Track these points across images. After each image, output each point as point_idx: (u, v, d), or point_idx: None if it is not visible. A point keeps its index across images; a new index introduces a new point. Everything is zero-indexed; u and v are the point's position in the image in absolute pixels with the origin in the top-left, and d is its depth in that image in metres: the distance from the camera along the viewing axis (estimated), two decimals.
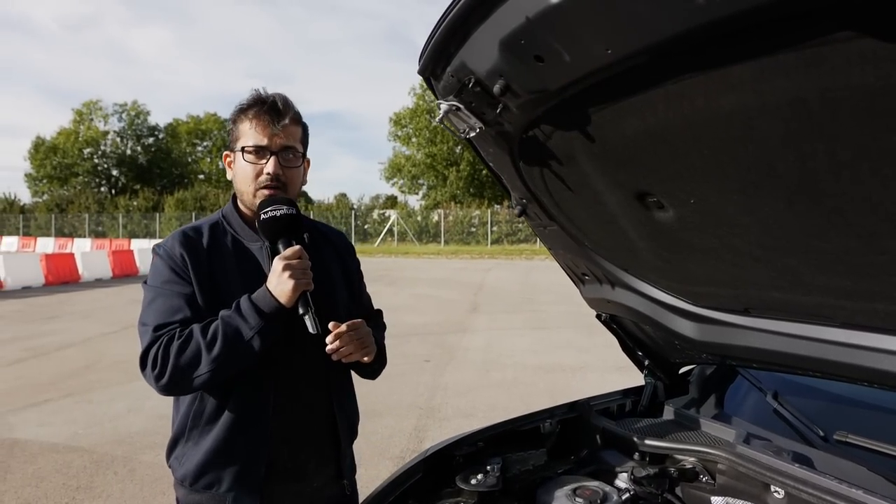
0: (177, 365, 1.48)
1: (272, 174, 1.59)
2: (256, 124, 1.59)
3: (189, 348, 1.48)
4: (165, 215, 44.38)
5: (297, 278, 1.49)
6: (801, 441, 1.73)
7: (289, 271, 1.49)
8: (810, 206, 1.05)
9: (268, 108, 1.59)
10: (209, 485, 1.62)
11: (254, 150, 1.59)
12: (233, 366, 1.51)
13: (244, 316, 1.50)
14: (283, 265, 1.49)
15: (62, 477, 4.41)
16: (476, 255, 30.50)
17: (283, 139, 1.60)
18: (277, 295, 1.50)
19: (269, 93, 1.64)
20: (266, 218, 1.54)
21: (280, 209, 1.55)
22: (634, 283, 1.77)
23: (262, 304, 1.50)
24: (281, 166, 1.61)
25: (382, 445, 4.89)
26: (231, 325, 1.49)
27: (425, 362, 7.73)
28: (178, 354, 1.48)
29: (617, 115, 1.17)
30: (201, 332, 1.50)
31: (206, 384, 1.52)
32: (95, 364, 7.89)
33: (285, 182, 1.62)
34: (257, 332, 1.49)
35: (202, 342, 1.48)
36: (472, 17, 1.14)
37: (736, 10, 0.78)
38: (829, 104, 0.85)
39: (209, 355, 1.47)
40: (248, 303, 1.51)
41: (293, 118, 1.63)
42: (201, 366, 1.48)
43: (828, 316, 1.33)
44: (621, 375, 7.04)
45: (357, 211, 42.63)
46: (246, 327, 1.49)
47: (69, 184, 54.63)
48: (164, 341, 1.50)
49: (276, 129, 1.59)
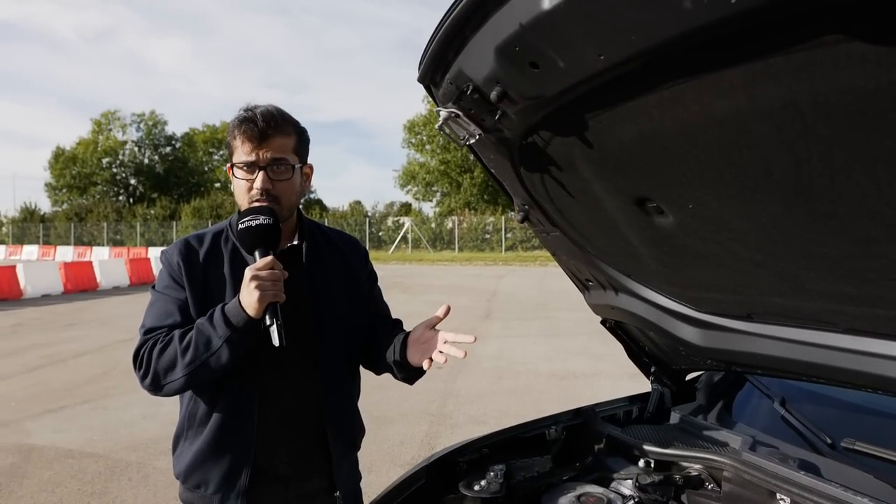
0: (156, 368, 1.54)
1: (261, 189, 1.59)
2: (243, 140, 1.59)
3: (167, 353, 1.54)
4: (182, 223, 44.87)
5: (264, 290, 1.47)
6: (808, 448, 1.71)
7: (255, 282, 1.48)
8: (807, 210, 1.04)
9: (252, 124, 1.59)
10: (198, 484, 1.67)
11: (243, 166, 1.60)
12: (204, 373, 1.54)
13: (214, 325, 1.52)
14: (251, 276, 1.49)
15: (77, 483, 4.46)
16: (490, 261, 30.46)
17: (270, 153, 1.59)
18: (245, 306, 1.50)
19: (257, 106, 1.64)
20: (242, 228, 1.55)
21: (256, 219, 1.54)
22: (637, 288, 1.76)
23: (231, 314, 1.52)
24: (270, 180, 1.60)
25: (393, 452, 4.89)
26: (203, 333, 1.53)
27: (437, 369, 7.72)
28: (158, 358, 1.54)
29: (613, 121, 1.17)
30: (179, 338, 1.55)
31: (180, 389, 1.57)
32: (111, 371, 7.98)
33: (277, 195, 1.61)
34: (225, 342, 1.51)
35: (178, 348, 1.53)
36: (469, 25, 1.15)
37: (723, 14, 0.78)
38: (820, 108, 0.85)
39: (182, 361, 1.52)
40: (220, 313, 1.53)
41: (280, 130, 1.62)
42: (176, 370, 1.53)
43: (830, 322, 1.31)
44: (634, 383, 6.97)
45: (371, 218, 42.82)
46: (215, 336, 1.51)
47: (88, 193, 55.44)
48: (149, 344, 1.57)
49: (262, 143, 1.59)
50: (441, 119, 1.38)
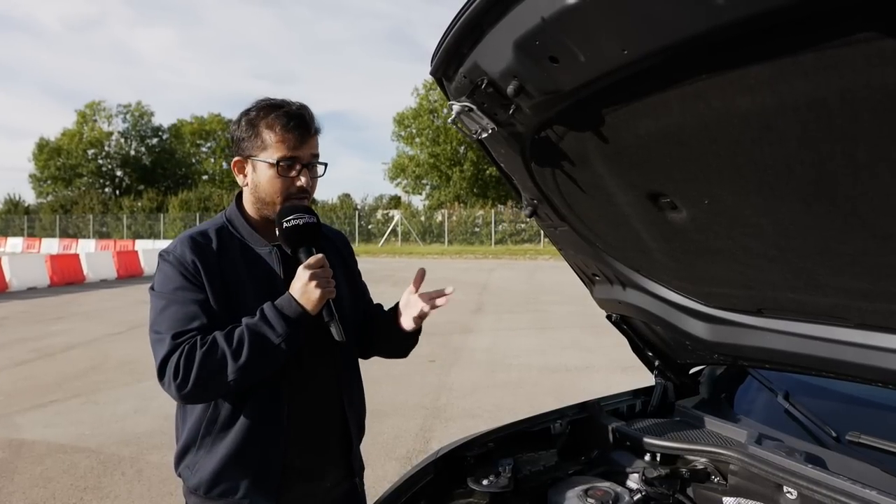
0: (201, 373, 1.46)
1: (307, 186, 1.61)
2: (287, 136, 1.57)
3: (213, 356, 1.47)
4: (169, 216, 44.51)
5: (323, 287, 1.51)
6: (813, 442, 1.73)
7: (315, 280, 1.50)
8: (827, 207, 1.04)
9: (301, 120, 1.59)
10: (224, 492, 1.61)
11: (285, 162, 1.59)
12: (259, 373, 1.52)
13: (271, 323, 1.50)
14: (310, 274, 1.51)
15: (70, 478, 4.42)
16: (480, 255, 30.48)
17: (311, 150, 1.62)
18: (304, 303, 1.51)
19: (291, 101, 1.64)
20: (289, 227, 1.55)
21: (303, 218, 1.56)
22: (646, 283, 1.77)
23: (289, 311, 1.51)
24: (310, 177, 1.63)
25: (388, 446, 4.89)
26: (257, 332, 1.49)
27: (430, 362, 7.73)
28: (203, 362, 1.46)
29: (631, 116, 1.17)
30: (226, 340, 1.49)
31: (230, 391, 1.53)
32: (101, 365, 7.91)
33: (311, 192, 1.64)
34: (284, 339, 1.49)
35: (227, 350, 1.47)
36: (486, 19, 1.14)
37: (757, 10, 0.78)
38: (848, 105, 0.85)
39: (236, 363, 1.47)
40: (274, 310, 1.51)
41: (317, 128, 1.65)
42: (227, 373, 1.47)
43: (842, 316, 1.32)
44: (627, 376, 7.04)
45: (361, 211, 42.66)
46: (273, 334, 1.49)
47: (73, 185, 54.80)
48: (185, 349, 1.48)
49: (306, 140, 1.60)
50: (454, 113, 1.37)
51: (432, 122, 44.95)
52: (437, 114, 45.00)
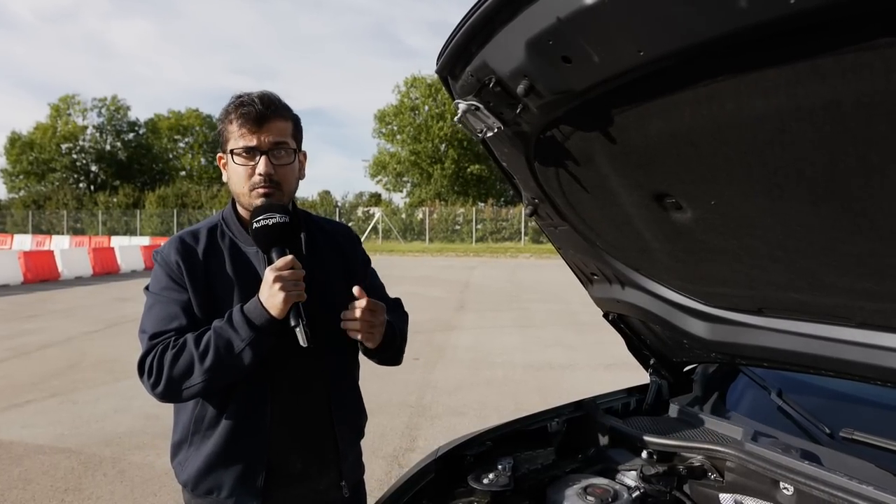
0: (170, 375, 1.49)
1: (264, 174, 1.56)
2: (242, 124, 1.55)
3: (182, 358, 1.49)
4: (146, 212, 43.84)
5: (288, 290, 1.46)
6: (807, 438, 1.75)
7: (279, 283, 1.46)
8: (836, 208, 1.06)
9: (252, 107, 1.55)
10: (210, 490, 1.62)
11: (243, 150, 1.56)
12: (224, 377, 1.52)
13: (235, 328, 1.49)
14: (274, 276, 1.47)
15: (49, 479, 4.34)
16: (461, 252, 30.51)
17: (271, 136, 1.56)
18: (269, 307, 1.48)
19: (253, 92, 1.60)
20: (258, 227, 1.52)
21: (272, 217, 1.51)
22: (645, 283, 1.78)
23: (254, 316, 1.49)
24: (273, 165, 1.57)
25: (375, 444, 4.87)
26: (223, 336, 1.49)
27: (414, 360, 7.71)
28: (172, 364, 1.48)
29: (641, 117, 1.17)
30: (194, 343, 1.49)
31: (198, 394, 1.54)
32: (79, 363, 7.77)
33: (279, 181, 1.59)
34: (248, 345, 1.48)
35: (195, 353, 1.48)
36: (498, 18, 1.13)
37: (779, 13, 0.79)
38: (864, 108, 0.86)
39: (201, 366, 1.47)
40: (241, 315, 1.50)
41: (279, 114, 1.59)
42: (193, 376, 1.48)
43: (844, 316, 1.34)
44: (610, 373, 7.11)
45: (341, 209, 42.40)
46: (237, 339, 1.48)
47: (46, 180, 53.74)
48: (158, 350, 1.50)
49: (263, 127, 1.55)
50: (460, 111, 1.37)
51: (413, 119, 44.86)
52: (418, 111, 44.94)
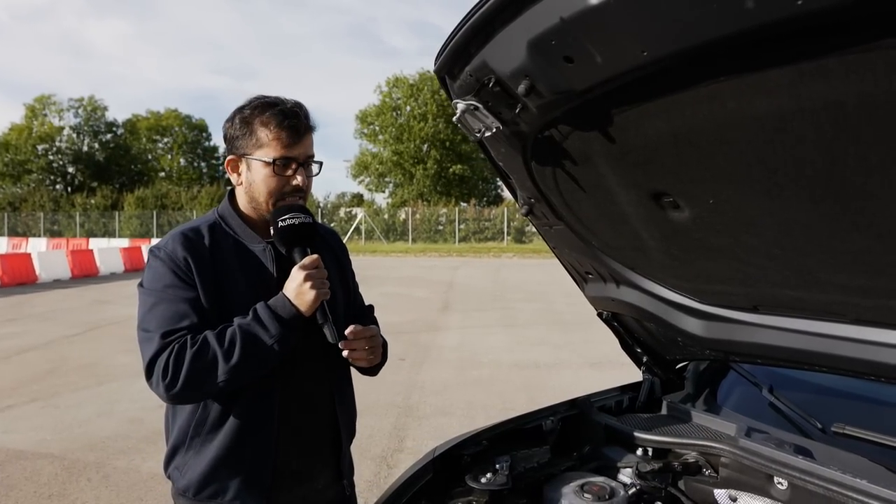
0: (190, 373, 1.44)
1: (304, 186, 1.59)
2: (282, 135, 1.55)
3: (204, 356, 1.45)
4: (125, 214, 43.28)
5: (318, 288, 1.50)
6: (800, 434, 1.78)
7: (310, 281, 1.49)
8: (835, 207, 1.08)
9: (297, 119, 1.57)
10: (214, 494, 1.59)
11: (282, 161, 1.56)
12: (250, 374, 1.50)
13: (264, 324, 1.48)
14: (305, 275, 1.49)
15: (33, 485, 4.26)
16: (444, 252, 30.51)
17: (307, 150, 1.60)
18: (298, 304, 1.49)
19: (286, 99, 1.61)
20: (284, 226, 1.53)
21: (298, 217, 1.55)
22: (640, 281, 1.79)
23: (282, 312, 1.49)
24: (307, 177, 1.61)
25: (363, 445, 4.85)
26: (250, 332, 1.47)
27: (400, 361, 7.70)
28: (193, 362, 1.44)
29: (641, 117, 1.18)
30: (217, 340, 1.46)
31: (221, 392, 1.50)
32: (59, 368, 7.64)
33: (306, 191, 1.63)
34: (277, 341, 1.47)
35: (219, 350, 1.45)
36: (499, 18, 1.13)
37: (785, 14, 0.80)
38: (865, 108, 0.88)
39: (227, 364, 1.44)
40: (267, 311, 1.49)
41: (312, 128, 1.63)
42: (218, 374, 1.45)
43: (839, 312, 1.36)
44: (597, 371, 7.15)
45: (323, 209, 42.16)
46: (266, 335, 1.47)
47: (22, 181, 52.74)
48: (175, 348, 1.45)
49: (302, 139, 1.58)
50: (458, 111, 1.37)
51: (395, 119, 44.78)
52: (400, 111, 44.85)
